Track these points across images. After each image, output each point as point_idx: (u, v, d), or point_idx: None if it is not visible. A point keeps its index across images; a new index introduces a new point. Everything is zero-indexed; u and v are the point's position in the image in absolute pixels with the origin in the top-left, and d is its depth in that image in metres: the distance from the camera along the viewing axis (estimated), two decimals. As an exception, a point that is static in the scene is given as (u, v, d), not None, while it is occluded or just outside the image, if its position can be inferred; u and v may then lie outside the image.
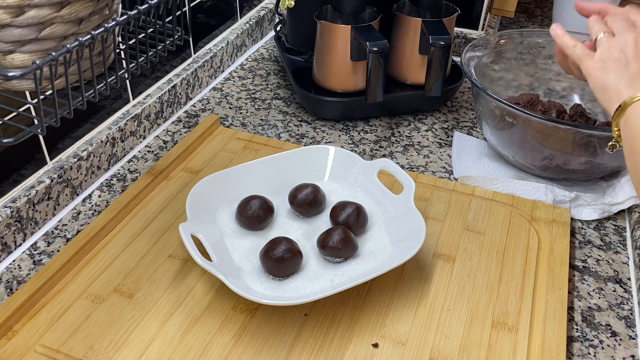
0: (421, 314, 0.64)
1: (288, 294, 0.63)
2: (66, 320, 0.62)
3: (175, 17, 0.65)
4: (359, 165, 0.78)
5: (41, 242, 0.72)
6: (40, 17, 0.49)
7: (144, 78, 0.91)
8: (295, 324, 0.62)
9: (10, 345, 0.59)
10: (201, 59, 1.02)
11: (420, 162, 0.89)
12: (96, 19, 0.54)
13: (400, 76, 0.99)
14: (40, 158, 0.74)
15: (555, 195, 0.80)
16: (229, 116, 0.98)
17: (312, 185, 0.73)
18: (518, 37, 0.96)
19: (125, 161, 0.87)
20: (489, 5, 1.21)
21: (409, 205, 0.70)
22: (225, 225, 0.71)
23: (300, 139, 0.93)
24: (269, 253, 0.64)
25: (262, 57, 1.18)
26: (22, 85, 0.54)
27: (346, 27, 0.89)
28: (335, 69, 0.93)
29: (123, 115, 0.86)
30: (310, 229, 0.72)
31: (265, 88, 1.07)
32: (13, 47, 0.51)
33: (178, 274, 0.67)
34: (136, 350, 0.59)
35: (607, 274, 0.71)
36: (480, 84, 0.81)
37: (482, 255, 0.71)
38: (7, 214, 0.67)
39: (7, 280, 0.67)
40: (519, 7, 1.48)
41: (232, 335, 0.61)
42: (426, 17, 0.95)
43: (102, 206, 0.78)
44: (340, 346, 0.60)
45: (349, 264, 0.66)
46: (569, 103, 0.94)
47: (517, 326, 0.63)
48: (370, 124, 0.98)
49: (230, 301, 0.64)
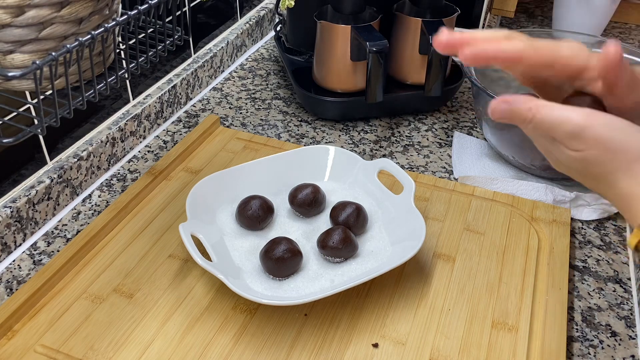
0: (421, 314, 0.64)
1: (288, 294, 0.63)
2: (66, 320, 0.62)
3: (175, 17, 0.65)
4: (359, 165, 0.78)
5: (41, 242, 0.72)
6: (40, 17, 0.49)
7: (144, 78, 0.91)
8: (295, 324, 0.62)
9: (10, 345, 0.59)
10: (201, 59, 1.02)
11: (420, 162, 0.89)
12: (96, 19, 0.54)
13: (400, 76, 0.99)
14: (40, 158, 0.74)
15: (555, 195, 0.80)
16: (229, 116, 0.98)
17: (312, 185, 0.73)
18: (518, 37, 0.96)
19: (125, 161, 0.87)
20: (489, 5, 1.21)
21: (409, 205, 0.70)
22: (225, 225, 0.71)
23: (300, 139, 0.93)
24: (269, 253, 0.64)
25: (262, 57, 1.18)
26: (22, 85, 0.54)
27: (346, 27, 0.89)
28: (335, 69, 0.93)
29: (123, 115, 0.86)
30: (310, 229, 0.72)
31: (265, 88, 1.07)
32: (13, 47, 0.51)
33: (178, 274, 0.67)
34: (136, 350, 0.59)
35: (607, 274, 0.71)
36: (481, 84, 0.81)
37: (482, 255, 0.71)
38: (7, 214, 0.67)
39: (7, 280, 0.67)
40: (519, 7, 1.48)
41: (232, 335, 0.61)
42: (426, 17, 0.95)
43: (102, 206, 0.78)
44: (340, 346, 0.60)
45: (349, 264, 0.66)
46: (569, 103, 0.94)
47: (517, 326, 0.63)
48: (370, 124, 0.98)
49: (230, 301, 0.64)
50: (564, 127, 0.40)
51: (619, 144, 0.39)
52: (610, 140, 0.39)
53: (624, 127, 0.39)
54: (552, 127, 0.41)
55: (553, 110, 0.40)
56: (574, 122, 0.40)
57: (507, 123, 0.43)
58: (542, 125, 0.41)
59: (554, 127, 0.40)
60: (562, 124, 0.40)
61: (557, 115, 0.40)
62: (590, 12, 1.22)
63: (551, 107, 0.41)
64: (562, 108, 0.40)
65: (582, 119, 0.39)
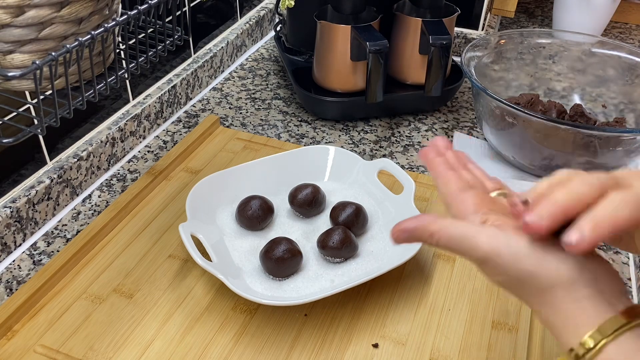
0: (421, 314, 0.64)
1: (288, 294, 0.63)
2: (66, 321, 0.62)
3: (175, 17, 0.65)
4: (359, 165, 0.78)
5: (41, 242, 0.72)
6: (40, 17, 0.49)
7: (143, 78, 0.91)
8: (295, 324, 0.62)
9: (10, 345, 0.59)
10: (201, 59, 1.02)
11: (421, 162, 0.89)
12: (96, 19, 0.54)
13: (400, 76, 0.99)
14: (40, 158, 0.74)
15: (556, 195, 0.80)
16: (229, 116, 0.98)
17: (312, 186, 0.73)
18: (518, 37, 0.96)
19: (125, 161, 0.87)
20: (489, 5, 1.21)
21: (409, 205, 0.70)
22: (225, 225, 0.71)
23: (300, 139, 0.93)
24: (269, 253, 0.64)
25: (262, 57, 1.18)
26: (22, 85, 0.54)
27: (346, 27, 0.89)
28: (335, 69, 0.93)
29: (123, 116, 0.86)
30: (310, 229, 0.72)
31: (265, 88, 1.07)
32: (13, 47, 0.51)
33: (178, 274, 0.67)
34: (136, 351, 0.59)
35: (607, 274, 0.71)
36: (481, 84, 0.81)
37: (482, 256, 0.71)
38: (7, 214, 0.67)
39: (7, 281, 0.67)
40: (519, 7, 1.48)
41: (232, 335, 0.61)
42: (426, 17, 0.95)
43: (102, 206, 0.78)
44: (340, 346, 0.60)
45: (349, 264, 0.66)
46: (569, 103, 0.94)
47: (517, 326, 0.63)
48: (370, 124, 0.98)
49: (230, 301, 0.64)
50: (469, 255, 0.38)
51: (525, 274, 0.36)
52: (517, 269, 0.36)
53: (533, 252, 0.36)
54: (459, 252, 0.39)
55: (455, 235, 0.38)
56: (478, 251, 0.37)
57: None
58: (448, 249, 0.39)
59: (461, 253, 0.38)
60: (467, 252, 0.38)
61: (460, 241, 0.38)
62: (590, 12, 1.22)
63: (454, 230, 0.38)
64: (466, 232, 0.38)
65: (487, 247, 0.37)
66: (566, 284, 0.35)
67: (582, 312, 0.35)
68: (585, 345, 0.34)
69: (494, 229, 0.38)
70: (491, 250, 0.37)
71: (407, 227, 0.40)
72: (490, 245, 0.37)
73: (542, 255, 0.36)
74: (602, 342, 0.34)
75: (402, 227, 0.40)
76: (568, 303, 0.35)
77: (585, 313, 0.35)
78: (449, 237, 0.38)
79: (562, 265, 0.35)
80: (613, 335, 0.34)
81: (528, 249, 0.36)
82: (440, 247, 0.39)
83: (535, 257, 0.36)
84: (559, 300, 0.36)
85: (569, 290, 0.35)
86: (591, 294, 0.35)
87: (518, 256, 0.36)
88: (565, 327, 0.36)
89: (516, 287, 0.38)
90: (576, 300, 0.35)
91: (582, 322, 0.35)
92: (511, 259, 0.36)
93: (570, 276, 0.35)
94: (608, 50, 0.92)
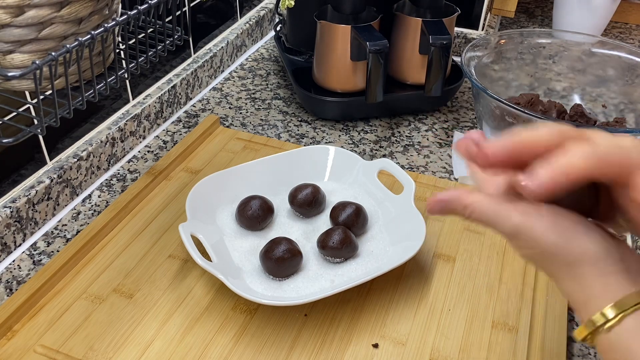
0: (421, 314, 0.64)
1: (288, 294, 0.62)
2: (66, 321, 0.62)
3: (175, 17, 0.65)
4: (359, 165, 0.78)
5: (41, 242, 0.72)
6: (40, 17, 0.49)
7: (143, 78, 0.91)
8: (295, 324, 0.62)
9: (10, 345, 0.59)
10: (201, 59, 1.02)
11: (420, 162, 0.89)
12: (96, 19, 0.54)
13: (400, 76, 0.99)
14: (40, 158, 0.74)
15: (556, 196, 0.80)
16: (229, 116, 0.98)
17: (312, 186, 0.73)
18: (518, 37, 0.96)
19: (125, 161, 0.87)
20: (489, 5, 1.21)
21: (409, 205, 0.70)
22: (225, 225, 0.71)
23: (300, 139, 0.93)
24: (269, 253, 0.64)
25: (262, 57, 1.18)
26: (21, 85, 0.54)
27: (346, 27, 0.89)
28: (335, 69, 0.93)
29: (123, 115, 0.86)
30: (310, 229, 0.72)
31: (265, 88, 1.07)
32: (13, 47, 0.51)
33: (178, 274, 0.67)
34: (136, 351, 0.59)
35: (607, 274, 0.71)
36: (481, 84, 0.81)
37: (482, 256, 0.71)
38: (6, 214, 0.67)
39: (6, 281, 0.67)
40: (519, 7, 1.48)
41: (232, 335, 0.61)
42: (426, 17, 0.95)
43: (102, 206, 0.78)
44: (340, 346, 0.60)
45: (349, 264, 0.66)
46: (569, 103, 0.94)
47: (517, 326, 0.63)
48: (370, 124, 0.98)
49: (230, 301, 0.64)
50: (501, 227, 0.39)
51: (555, 248, 0.37)
52: (546, 243, 0.37)
53: (563, 229, 0.37)
54: (491, 225, 0.40)
55: (489, 208, 0.39)
56: (510, 223, 0.38)
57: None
58: (480, 222, 0.40)
59: (493, 225, 0.39)
60: (499, 224, 0.39)
61: (493, 214, 0.39)
62: (590, 12, 1.22)
63: (487, 204, 0.39)
64: (499, 206, 0.39)
65: (519, 219, 0.38)
66: (594, 259, 0.37)
67: (606, 287, 0.37)
68: (605, 316, 0.36)
69: (525, 204, 0.39)
70: (523, 224, 0.38)
71: (443, 197, 0.41)
72: (522, 219, 0.38)
73: (572, 232, 0.38)
74: (621, 314, 0.35)
75: (438, 198, 0.42)
76: (594, 278, 0.37)
77: (609, 288, 0.37)
78: (482, 210, 0.40)
79: (590, 243, 0.37)
80: (632, 308, 0.35)
81: (559, 224, 0.38)
82: (473, 219, 0.40)
83: (565, 233, 0.37)
84: (585, 275, 0.37)
85: (596, 266, 0.37)
86: (617, 271, 0.37)
87: (548, 231, 0.38)
88: (588, 301, 0.37)
89: (544, 261, 0.39)
90: (602, 275, 0.37)
91: (605, 296, 0.36)
92: (541, 233, 0.38)
93: (598, 253, 0.37)
94: (608, 50, 0.92)
